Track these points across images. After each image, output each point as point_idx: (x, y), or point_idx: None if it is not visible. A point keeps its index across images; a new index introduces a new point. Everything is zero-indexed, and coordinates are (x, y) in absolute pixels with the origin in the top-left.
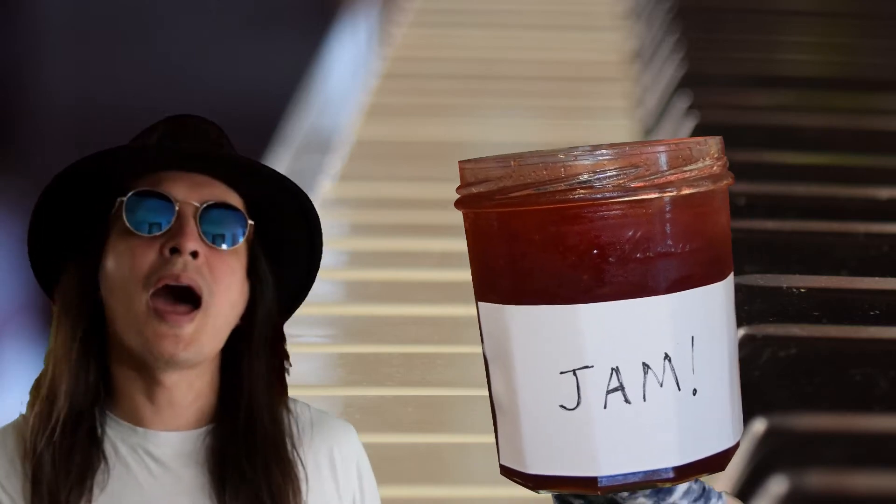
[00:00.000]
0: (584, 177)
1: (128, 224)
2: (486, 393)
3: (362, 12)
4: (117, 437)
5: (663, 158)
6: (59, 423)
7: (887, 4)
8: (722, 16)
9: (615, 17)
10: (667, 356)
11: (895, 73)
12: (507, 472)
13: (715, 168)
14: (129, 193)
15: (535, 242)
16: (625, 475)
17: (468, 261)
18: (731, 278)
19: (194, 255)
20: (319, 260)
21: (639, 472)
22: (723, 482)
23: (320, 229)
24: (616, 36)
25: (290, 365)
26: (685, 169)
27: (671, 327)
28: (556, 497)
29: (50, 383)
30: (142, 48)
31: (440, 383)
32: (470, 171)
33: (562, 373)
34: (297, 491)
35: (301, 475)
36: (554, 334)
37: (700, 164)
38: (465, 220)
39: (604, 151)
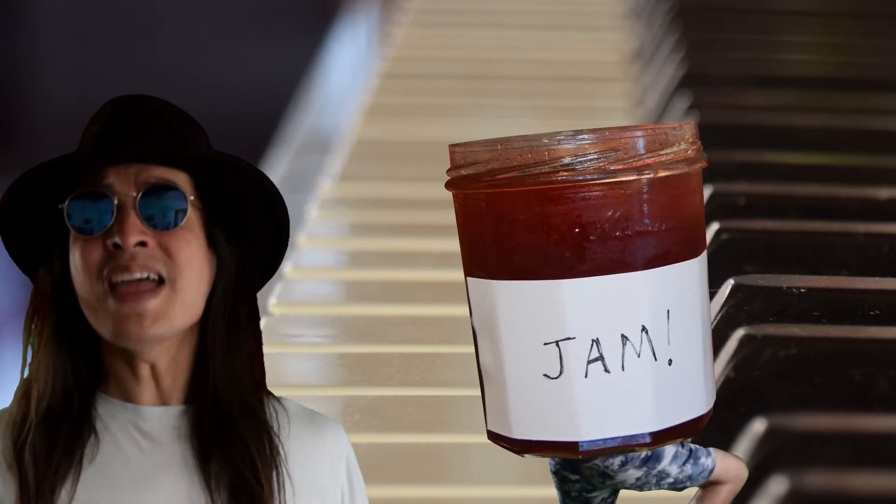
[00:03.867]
0: (567, 160)
1: (71, 228)
2: None
3: (362, 12)
4: (108, 415)
5: (641, 143)
6: (35, 418)
7: (887, 4)
8: (722, 16)
9: (615, 17)
10: (644, 328)
11: (895, 73)
12: (494, 437)
13: (690, 152)
14: (68, 199)
15: (521, 222)
16: (604, 440)
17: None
18: (704, 256)
19: (143, 244)
20: (287, 230)
21: (617, 438)
22: None
23: (279, 198)
24: (616, 36)
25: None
26: (661, 153)
27: (648, 301)
28: (555, 474)
29: (27, 379)
30: (142, 48)
31: (440, 383)
32: (459, 153)
33: (545, 344)
34: (278, 464)
35: (281, 457)
36: (538, 308)
37: (676, 149)
38: (454, 201)
39: (585, 136)
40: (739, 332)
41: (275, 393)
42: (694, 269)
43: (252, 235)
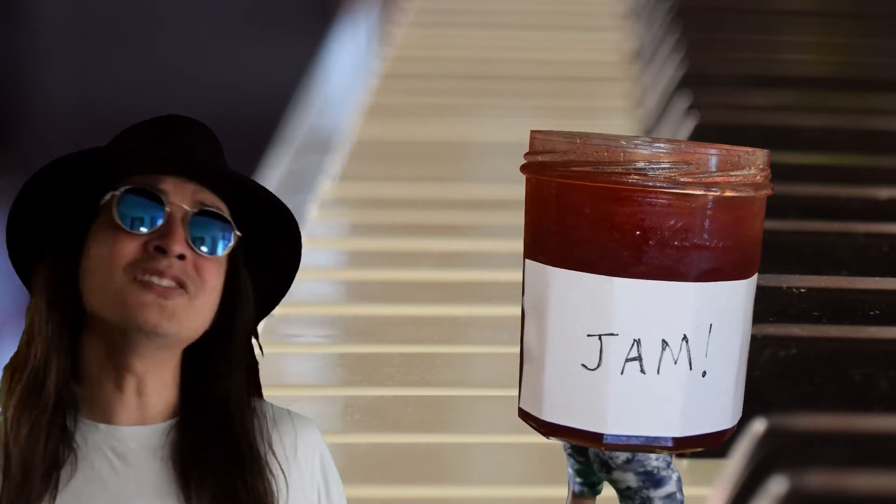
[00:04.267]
0: (640, 164)
1: (116, 217)
2: (486, 394)
3: (362, 12)
4: (81, 436)
5: (714, 161)
6: (50, 404)
7: (887, 4)
8: (722, 16)
9: (615, 17)
10: (685, 337)
11: (895, 73)
12: (524, 416)
13: (758, 178)
14: (123, 188)
15: (587, 215)
16: (628, 437)
17: (468, 261)
18: (754, 279)
19: (181, 257)
20: (294, 274)
21: (641, 437)
22: (723, 482)
23: (300, 246)
24: (616, 36)
25: (261, 355)
26: (732, 174)
27: (693, 312)
28: (565, 448)
29: (36, 363)
30: (142, 48)
31: (440, 383)
32: (539, 140)
33: (589, 335)
34: (268, 489)
35: (278, 475)
36: (588, 300)
37: (746, 172)
38: (526, 184)
39: (661, 144)
40: None
41: (275, 393)
42: (742, 290)
43: (261, 275)
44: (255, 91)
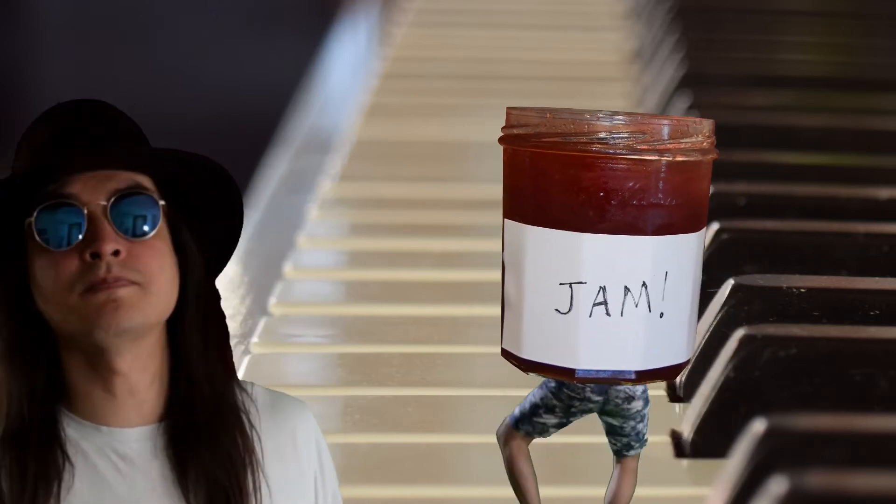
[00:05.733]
0: (602, 135)
1: (42, 243)
2: (486, 394)
3: (362, 12)
4: (81, 438)
5: (666, 130)
6: (18, 422)
7: (887, 4)
8: (722, 16)
9: (615, 17)
10: (644, 284)
11: (895, 73)
12: (506, 354)
13: (705, 144)
14: (35, 212)
15: (556, 180)
16: (597, 371)
17: (468, 261)
18: (703, 232)
19: (116, 253)
20: (241, 215)
21: (608, 371)
22: (723, 482)
23: (234, 184)
24: (616, 36)
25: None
26: (682, 141)
27: (651, 262)
28: (572, 388)
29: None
30: (142, 48)
31: (440, 383)
32: (514, 115)
33: (561, 284)
34: (253, 463)
35: (257, 448)
36: (560, 253)
37: (694, 139)
38: (503, 154)
39: (621, 117)
40: (739, 332)
41: None
42: (693, 242)
43: (211, 230)
44: (255, 91)
